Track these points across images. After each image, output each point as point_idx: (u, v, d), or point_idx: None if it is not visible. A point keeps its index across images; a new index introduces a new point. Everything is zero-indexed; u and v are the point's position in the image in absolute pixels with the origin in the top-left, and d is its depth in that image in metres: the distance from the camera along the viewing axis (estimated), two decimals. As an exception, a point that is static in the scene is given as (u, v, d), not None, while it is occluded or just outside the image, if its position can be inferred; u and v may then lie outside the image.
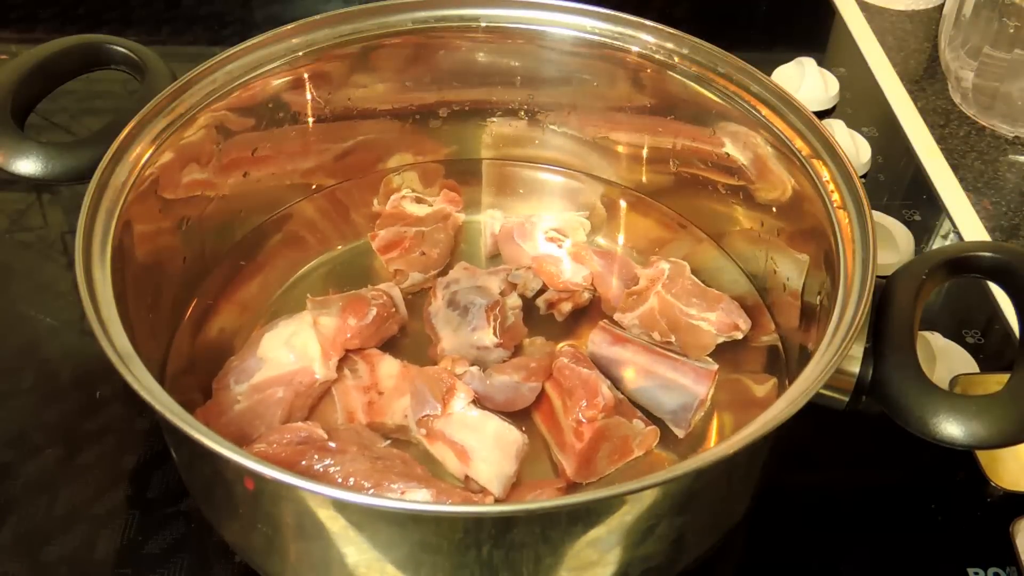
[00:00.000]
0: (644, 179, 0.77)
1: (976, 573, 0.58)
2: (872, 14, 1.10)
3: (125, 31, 1.03)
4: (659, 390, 0.63)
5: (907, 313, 0.53)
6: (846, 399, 0.52)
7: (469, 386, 0.60)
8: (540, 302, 0.70)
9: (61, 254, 0.80)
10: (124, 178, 0.58)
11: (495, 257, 0.74)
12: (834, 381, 0.51)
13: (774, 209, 0.67)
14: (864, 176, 0.87)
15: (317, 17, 0.69)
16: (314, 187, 0.77)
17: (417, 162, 0.79)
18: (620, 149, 0.76)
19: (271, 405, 0.59)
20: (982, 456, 0.64)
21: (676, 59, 0.69)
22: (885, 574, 0.59)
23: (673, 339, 0.65)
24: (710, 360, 0.64)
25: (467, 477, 0.58)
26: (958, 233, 0.82)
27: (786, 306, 0.66)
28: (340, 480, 0.54)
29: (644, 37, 0.70)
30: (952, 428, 0.48)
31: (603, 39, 0.71)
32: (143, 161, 0.60)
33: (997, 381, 0.66)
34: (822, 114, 0.93)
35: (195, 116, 0.64)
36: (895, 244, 0.77)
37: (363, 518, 0.46)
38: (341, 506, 0.45)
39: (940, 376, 0.67)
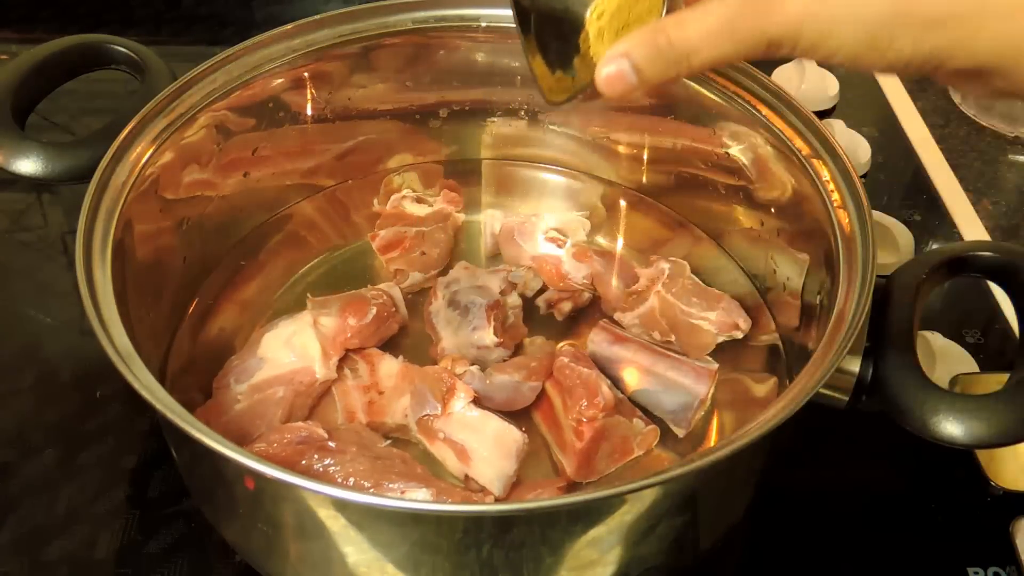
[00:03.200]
0: (644, 179, 0.77)
1: (976, 573, 0.58)
2: (872, 14, 1.10)
3: (125, 31, 1.03)
4: (659, 390, 0.63)
5: (907, 313, 0.53)
6: (846, 399, 0.52)
7: (469, 386, 0.60)
8: (540, 302, 0.70)
9: (61, 254, 0.80)
10: (124, 178, 0.58)
11: (495, 257, 0.74)
12: (834, 381, 0.51)
13: (774, 209, 0.67)
14: (864, 176, 0.87)
15: (317, 17, 0.69)
16: (314, 187, 0.77)
17: (417, 162, 0.80)
18: (620, 149, 0.76)
19: (271, 405, 0.59)
20: (982, 456, 0.64)
21: None
22: (885, 574, 0.59)
23: (673, 339, 0.65)
24: (710, 359, 0.64)
25: (467, 477, 0.58)
26: (958, 233, 0.82)
27: (786, 306, 0.66)
28: (340, 480, 0.54)
29: (644, 37, 0.70)
30: (952, 428, 0.48)
31: (603, 39, 0.71)
32: (143, 161, 0.60)
33: (997, 381, 0.65)
34: (822, 114, 0.93)
35: (195, 116, 0.64)
36: (895, 244, 0.77)
37: (363, 517, 0.46)
38: (341, 505, 0.45)
39: (940, 376, 0.67)
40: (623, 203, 0.78)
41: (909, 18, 0.36)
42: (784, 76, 0.95)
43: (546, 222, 0.74)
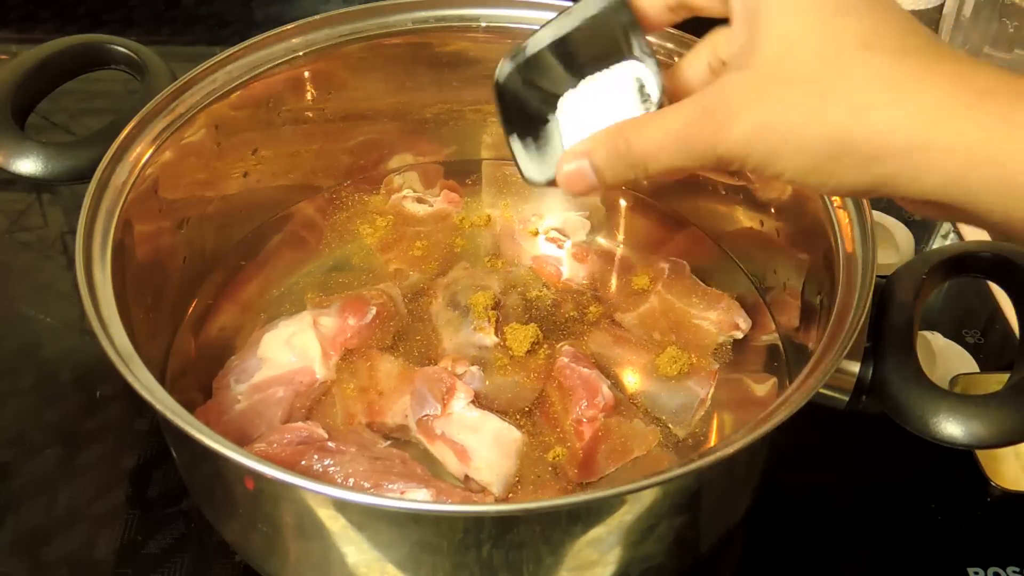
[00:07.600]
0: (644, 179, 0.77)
1: (976, 573, 0.58)
2: (872, 14, 1.10)
3: (125, 31, 1.03)
4: (659, 390, 0.63)
5: (907, 313, 0.53)
6: (846, 399, 0.52)
7: (469, 386, 0.60)
8: (540, 302, 0.69)
9: (61, 254, 0.80)
10: (124, 178, 0.58)
11: (495, 257, 0.74)
12: (834, 381, 0.51)
13: (774, 209, 0.67)
14: (864, 176, 0.86)
15: (317, 17, 0.69)
16: (314, 187, 0.77)
17: (417, 162, 0.80)
18: (620, 149, 0.76)
19: (271, 405, 0.59)
20: (982, 456, 0.64)
21: (676, 59, 0.69)
22: (885, 574, 0.59)
23: (673, 339, 0.65)
24: (710, 359, 0.64)
25: (467, 477, 0.58)
26: (958, 233, 0.82)
27: (786, 306, 0.66)
28: (340, 480, 0.54)
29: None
30: (952, 428, 0.48)
31: (603, 39, 0.71)
32: (143, 161, 0.60)
33: (997, 381, 0.66)
34: (822, 114, 0.93)
35: (195, 116, 0.64)
36: (895, 244, 0.77)
37: (363, 518, 0.46)
38: (341, 506, 0.45)
39: (940, 376, 0.67)
40: (623, 203, 0.78)
41: (849, 151, 0.36)
42: (784, 76, 0.95)
43: (546, 222, 0.74)
